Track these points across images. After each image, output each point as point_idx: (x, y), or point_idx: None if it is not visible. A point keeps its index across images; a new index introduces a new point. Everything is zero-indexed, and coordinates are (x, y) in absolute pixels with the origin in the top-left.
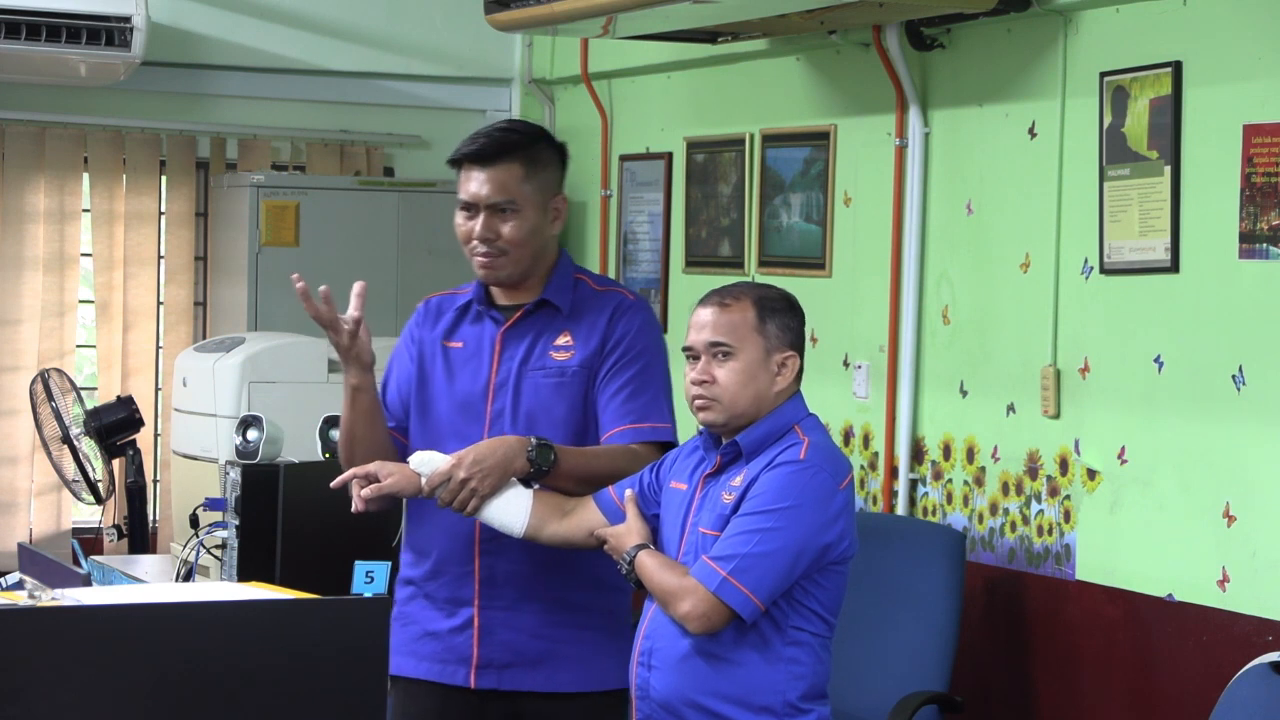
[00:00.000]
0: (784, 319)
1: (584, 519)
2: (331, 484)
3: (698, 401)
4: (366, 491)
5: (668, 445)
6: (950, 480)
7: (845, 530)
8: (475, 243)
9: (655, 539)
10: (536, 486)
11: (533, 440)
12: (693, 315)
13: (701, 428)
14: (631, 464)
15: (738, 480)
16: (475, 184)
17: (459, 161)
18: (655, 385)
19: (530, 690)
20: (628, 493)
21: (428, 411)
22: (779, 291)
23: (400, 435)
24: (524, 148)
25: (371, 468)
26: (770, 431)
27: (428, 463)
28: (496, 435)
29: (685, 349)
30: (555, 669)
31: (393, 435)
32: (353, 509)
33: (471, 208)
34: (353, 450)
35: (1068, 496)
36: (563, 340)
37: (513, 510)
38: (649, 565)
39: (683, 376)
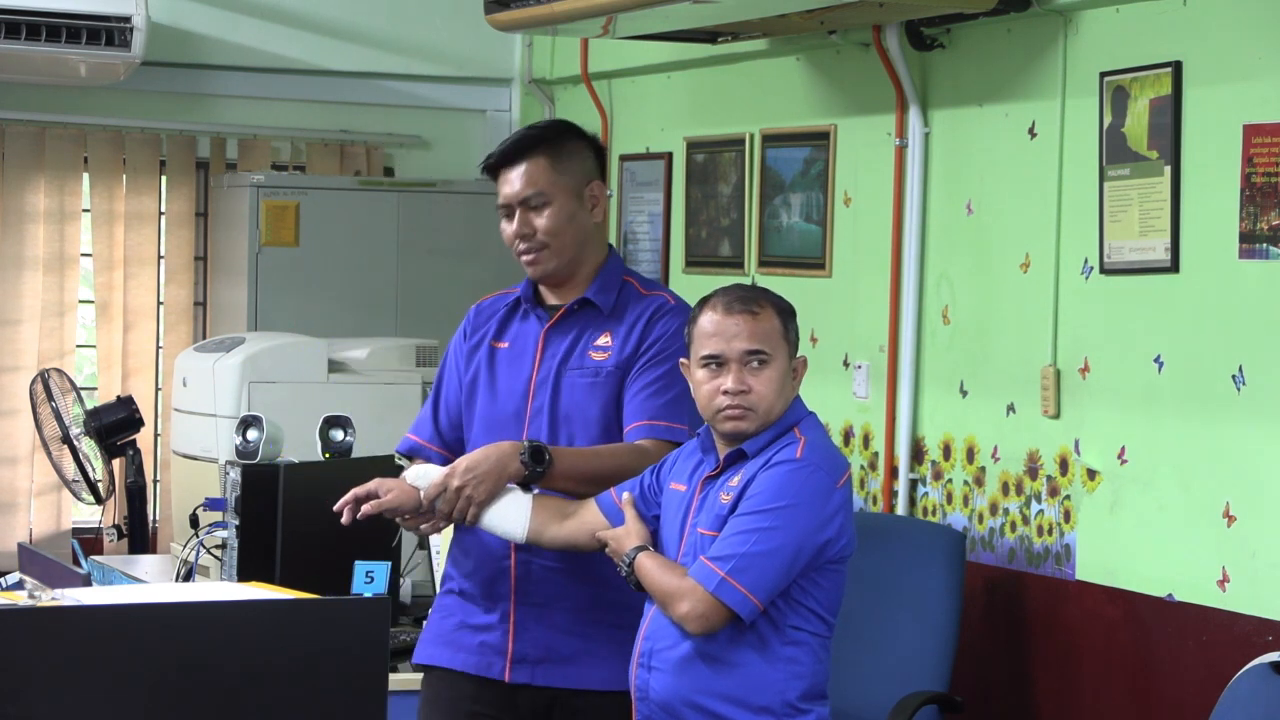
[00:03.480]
0: (795, 324)
1: (586, 521)
2: (335, 507)
3: (731, 411)
4: (367, 507)
5: (664, 440)
6: (950, 480)
7: (843, 528)
8: (517, 242)
9: (655, 540)
10: (536, 491)
11: (525, 444)
12: (711, 323)
13: (701, 429)
14: (639, 461)
15: (736, 480)
16: (505, 185)
17: (491, 170)
18: (680, 386)
19: (562, 686)
20: (625, 495)
21: (475, 415)
22: (782, 297)
23: (449, 454)
24: (547, 141)
25: (371, 485)
26: (774, 434)
27: (424, 476)
28: (534, 433)
29: (710, 357)
30: (588, 666)
31: (445, 456)
32: (344, 520)
33: (508, 209)
34: None
35: (1068, 496)
36: (603, 340)
37: (512, 516)
38: (648, 566)
39: (693, 385)
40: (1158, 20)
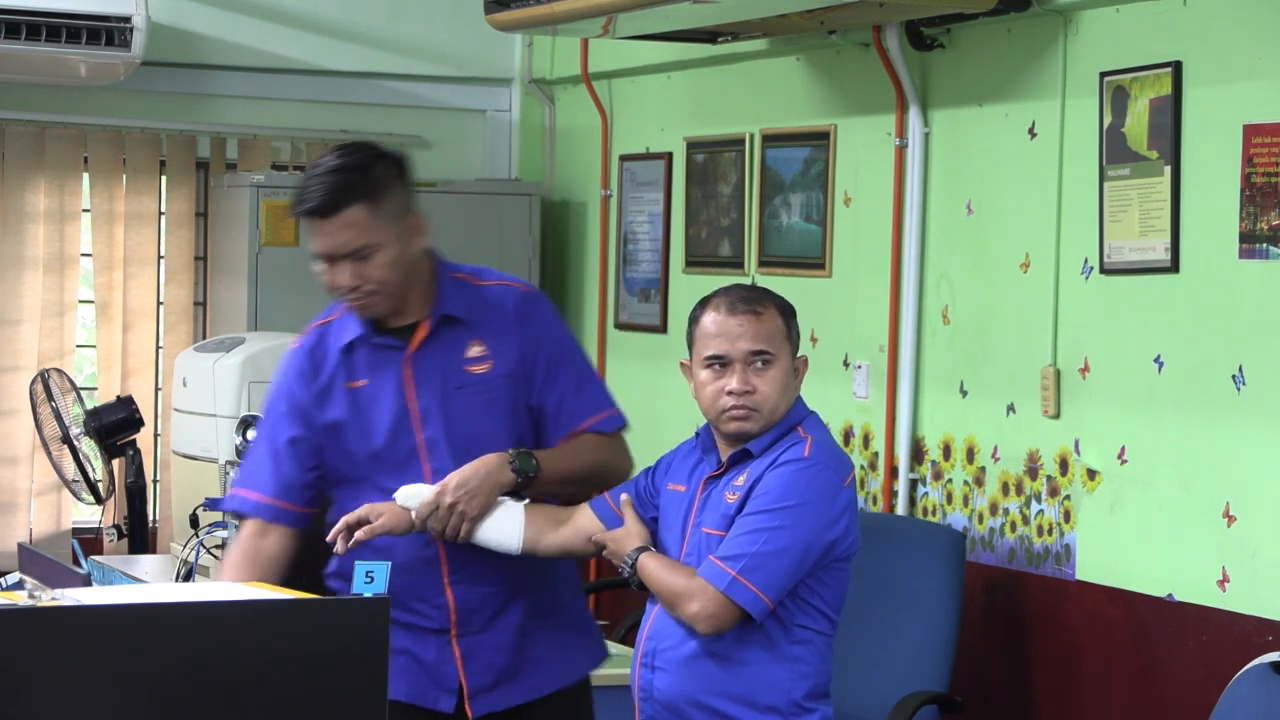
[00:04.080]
0: (796, 324)
1: (581, 526)
2: (328, 538)
3: (735, 412)
4: (360, 534)
5: (622, 428)
6: (950, 480)
7: (849, 527)
8: (345, 290)
9: (654, 541)
10: (527, 500)
11: (511, 451)
12: (714, 324)
13: (700, 429)
14: (610, 453)
15: (741, 480)
16: (326, 238)
17: (299, 215)
18: (590, 373)
19: (523, 702)
20: (624, 496)
21: (351, 461)
22: (783, 297)
23: (294, 509)
24: (361, 184)
25: (361, 512)
26: (778, 433)
27: (414, 496)
28: (437, 464)
29: (714, 358)
30: (541, 675)
31: (305, 514)
32: (336, 550)
33: (329, 258)
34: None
35: (1068, 496)
36: (475, 351)
37: (506, 528)
38: (652, 567)
39: (695, 386)
40: (1158, 20)
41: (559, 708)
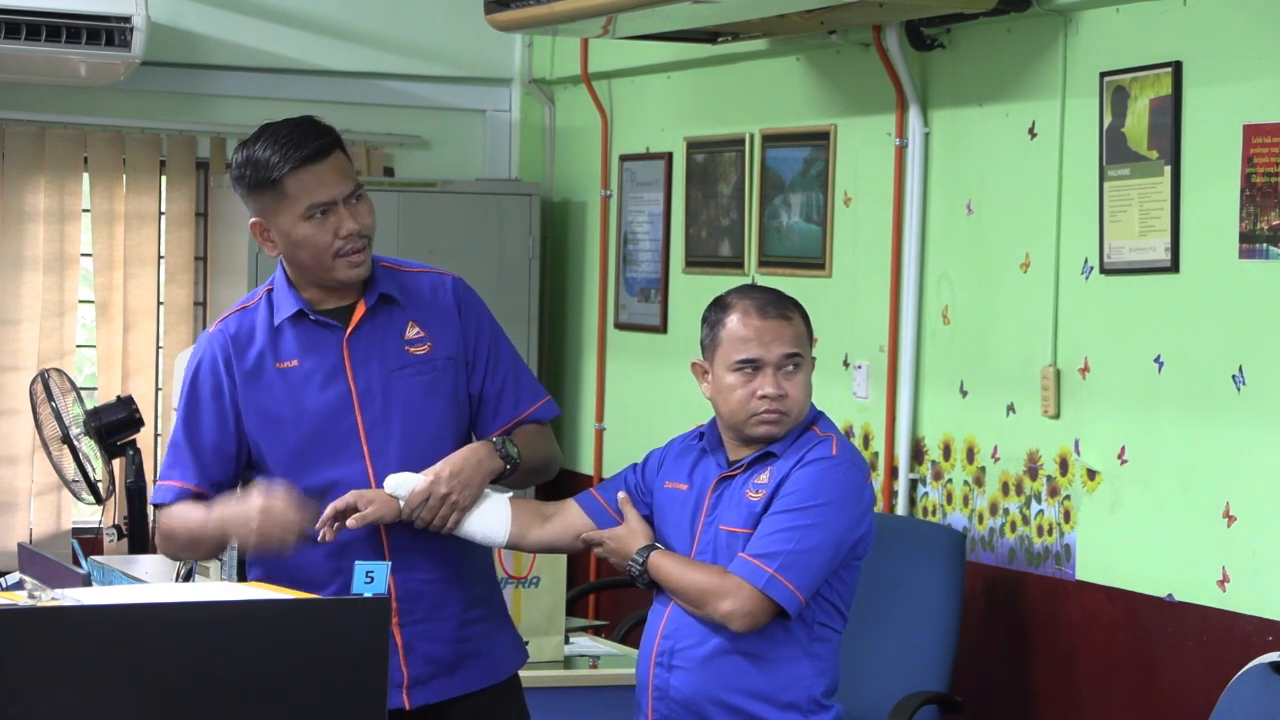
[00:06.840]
0: (811, 326)
1: (568, 522)
2: (315, 525)
3: (768, 415)
4: (350, 522)
5: (557, 415)
6: (950, 480)
7: (871, 525)
8: (342, 241)
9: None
10: (512, 494)
11: (495, 438)
12: (747, 328)
13: (704, 428)
14: (552, 443)
15: (764, 478)
16: (325, 184)
17: (293, 168)
18: (522, 360)
19: (457, 696)
20: (622, 495)
21: (283, 444)
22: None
23: (208, 491)
24: (328, 130)
25: (349, 499)
26: (797, 432)
27: (404, 484)
28: (378, 446)
29: (746, 361)
30: (471, 669)
31: (205, 497)
32: (325, 538)
33: (329, 207)
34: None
35: (1068, 496)
36: (413, 333)
37: (494, 521)
38: (669, 565)
39: (714, 388)
40: (1158, 20)
41: (490, 704)
